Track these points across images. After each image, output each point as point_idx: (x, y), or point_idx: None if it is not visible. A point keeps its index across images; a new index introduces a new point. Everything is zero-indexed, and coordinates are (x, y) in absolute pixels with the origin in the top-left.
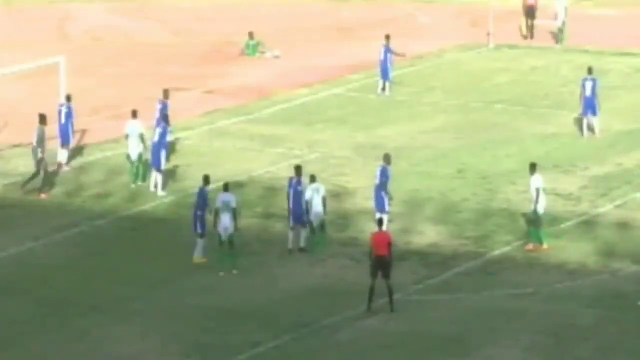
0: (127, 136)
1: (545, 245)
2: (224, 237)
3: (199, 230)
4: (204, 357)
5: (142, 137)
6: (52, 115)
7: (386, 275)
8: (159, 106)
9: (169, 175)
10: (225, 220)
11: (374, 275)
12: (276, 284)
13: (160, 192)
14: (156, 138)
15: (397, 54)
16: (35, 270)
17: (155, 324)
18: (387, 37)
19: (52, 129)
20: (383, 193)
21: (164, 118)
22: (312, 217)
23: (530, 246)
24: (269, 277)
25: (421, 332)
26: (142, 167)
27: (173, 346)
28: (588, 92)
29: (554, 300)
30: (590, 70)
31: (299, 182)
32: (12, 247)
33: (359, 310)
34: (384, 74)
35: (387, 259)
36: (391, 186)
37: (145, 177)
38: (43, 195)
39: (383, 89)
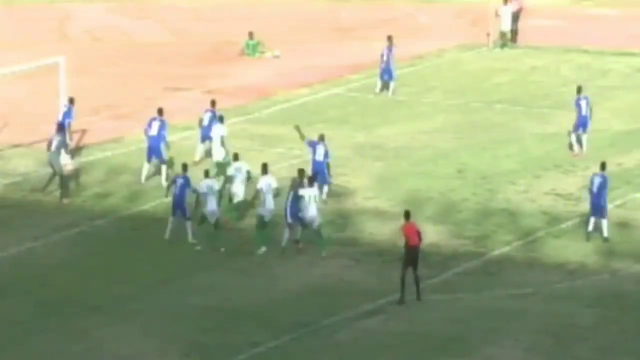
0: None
1: (263, 249)
2: (210, 220)
3: (187, 214)
4: (204, 357)
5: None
6: (52, 116)
7: (416, 266)
8: (208, 114)
9: (169, 176)
10: (212, 204)
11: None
12: (276, 284)
13: (164, 182)
14: (155, 132)
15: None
16: (35, 270)
17: (155, 324)
18: (390, 37)
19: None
20: (325, 169)
21: (219, 119)
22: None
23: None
24: (269, 277)
25: (421, 332)
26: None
27: (173, 346)
28: (584, 111)
29: (554, 300)
30: (580, 89)
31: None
32: (12, 247)
33: (359, 310)
34: (388, 75)
35: (419, 248)
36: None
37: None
38: (66, 201)
39: (382, 89)
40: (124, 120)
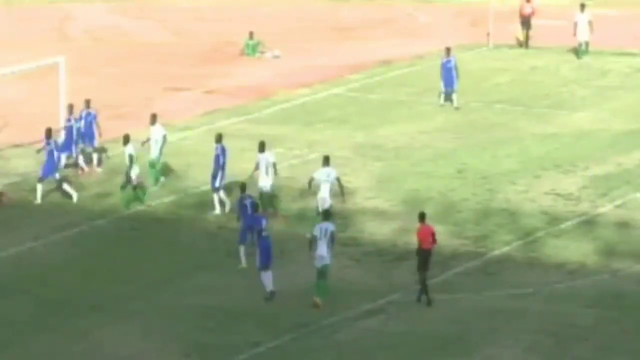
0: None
1: (317, 300)
2: (318, 265)
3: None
4: (204, 357)
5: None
6: (52, 116)
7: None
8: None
9: (169, 176)
10: (322, 249)
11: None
12: (276, 284)
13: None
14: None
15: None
16: (35, 270)
17: (155, 324)
18: (449, 49)
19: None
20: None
21: (153, 118)
22: None
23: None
24: None
25: (421, 332)
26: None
27: (173, 346)
28: None
29: (554, 300)
30: None
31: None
32: (12, 247)
33: (359, 310)
34: (450, 85)
35: (432, 251)
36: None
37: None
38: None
39: (446, 99)
40: (124, 120)
